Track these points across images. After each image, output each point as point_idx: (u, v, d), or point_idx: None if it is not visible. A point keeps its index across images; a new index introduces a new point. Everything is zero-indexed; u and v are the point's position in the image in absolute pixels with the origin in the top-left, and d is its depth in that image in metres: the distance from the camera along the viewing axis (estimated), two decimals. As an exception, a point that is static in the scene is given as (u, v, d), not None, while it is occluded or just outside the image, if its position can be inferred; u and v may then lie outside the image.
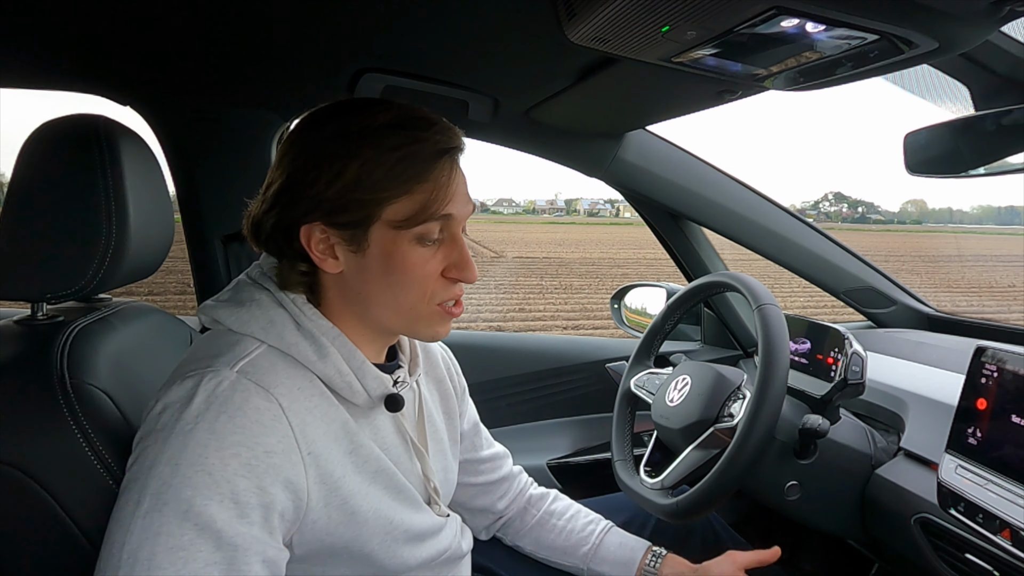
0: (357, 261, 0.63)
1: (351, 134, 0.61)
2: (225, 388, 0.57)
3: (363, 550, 0.65)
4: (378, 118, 0.61)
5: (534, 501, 0.98)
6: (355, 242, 0.62)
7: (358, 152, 0.60)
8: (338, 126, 0.62)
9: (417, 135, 0.61)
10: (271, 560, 0.56)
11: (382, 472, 0.67)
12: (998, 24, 0.59)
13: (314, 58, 0.96)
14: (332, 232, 0.62)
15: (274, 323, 0.63)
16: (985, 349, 0.74)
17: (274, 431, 0.57)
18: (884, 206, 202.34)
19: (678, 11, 0.61)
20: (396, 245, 0.62)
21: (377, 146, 0.60)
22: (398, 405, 0.69)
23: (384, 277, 0.63)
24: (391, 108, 0.63)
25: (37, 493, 0.58)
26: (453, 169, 0.63)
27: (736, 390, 0.94)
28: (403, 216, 0.61)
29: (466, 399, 0.90)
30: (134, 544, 0.51)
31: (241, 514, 0.54)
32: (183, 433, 0.54)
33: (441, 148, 0.62)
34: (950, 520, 0.75)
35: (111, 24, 0.84)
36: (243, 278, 0.68)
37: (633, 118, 1.19)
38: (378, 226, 0.62)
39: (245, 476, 0.55)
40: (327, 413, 0.63)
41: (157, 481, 0.53)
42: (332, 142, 0.61)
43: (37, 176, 0.67)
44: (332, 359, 0.63)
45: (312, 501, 0.60)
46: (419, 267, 0.63)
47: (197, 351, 0.62)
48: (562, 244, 26.31)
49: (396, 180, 0.60)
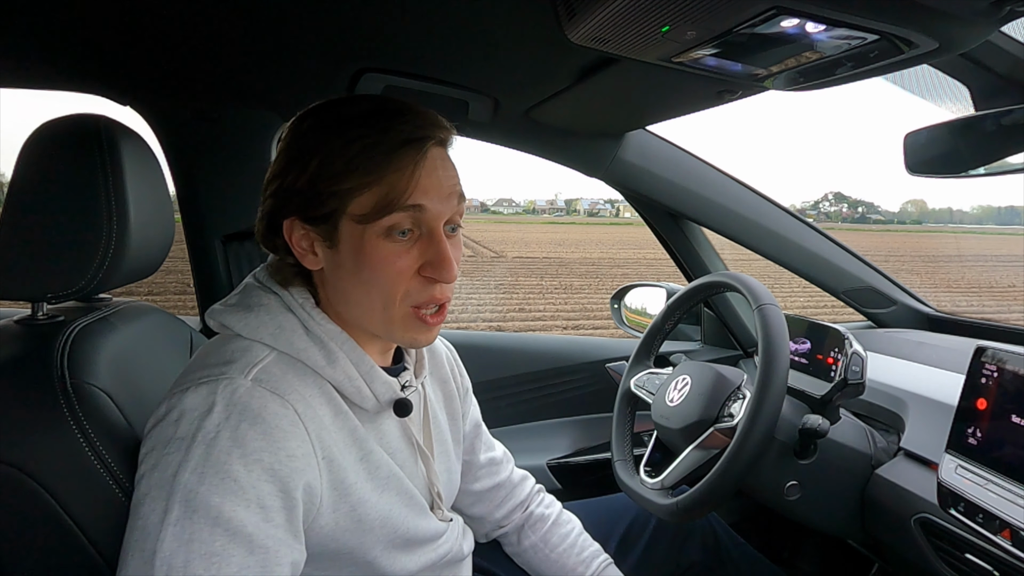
0: (333, 257, 0.63)
1: (323, 127, 0.61)
2: (242, 395, 0.57)
3: (365, 557, 0.65)
4: (351, 110, 0.61)
5: (532, 522, 0.93)
6: (329, 237, 0.62)
7: (324, 144, 0.60)
8: (315, 120, 0.62)
9: (383, 125, 0.60)
10: (296, 562, 0.57)
11: (393, 478, 0.67)
12: (998, 24, 0.59)
13: (314, 58, 0.96)
14: (308, 228, 0.62)
15: (283, 329, 0.63)
16: (985, 349, 0.74)
17: (294, 436, 0.57)
18: (884, 206, 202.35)
19: (678, 11, 0.61)
20: (364, 240, 0.60)
21: (341, 136, 0.60)
22: (407, 410, 0.69)
23: (356, 274, 0.62)
24: (369, 101, 0.62)
25: (37, 493, 0.58)
26: (420, 159, 0.60)
27: (736, 390, 0.94)
28: (367, 209, 0.59)
29: (469, 399, 0.90)
30: (167, 552, 0.51)
31: (267, 518, 0.55)
32: (205, 442, 0.54)
33: (406, 137, 0.60)
34: (950, 520, 0.75)
35: (111, 24, 0.84)
36: (251, 281, 0.68)
37: (633, 118, 1.19)
38: (346, 220, 0.60)
39: (269, 481, 0.55)
40: (337, 420, 0.63)
41: (184, 489, 0.53)
42: (307, 136, 0.62)
43: (37, 176, 0.67)
44: (341, 364, 0.63)
45: (323, 506, 0.60)
46: (388, 263, 0.61)
47: (208, 356, 0.62)
48: (562, 244, 26.31)
49: (357, 171, 0.59)
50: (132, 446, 0.62)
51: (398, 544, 0.68)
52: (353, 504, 0.63)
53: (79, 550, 0.59)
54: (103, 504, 0.60)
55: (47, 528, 0.58)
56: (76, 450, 0.59)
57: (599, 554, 0.91)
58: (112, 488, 0.60)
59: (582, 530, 0.94)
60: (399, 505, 0.67)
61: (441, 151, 0.64)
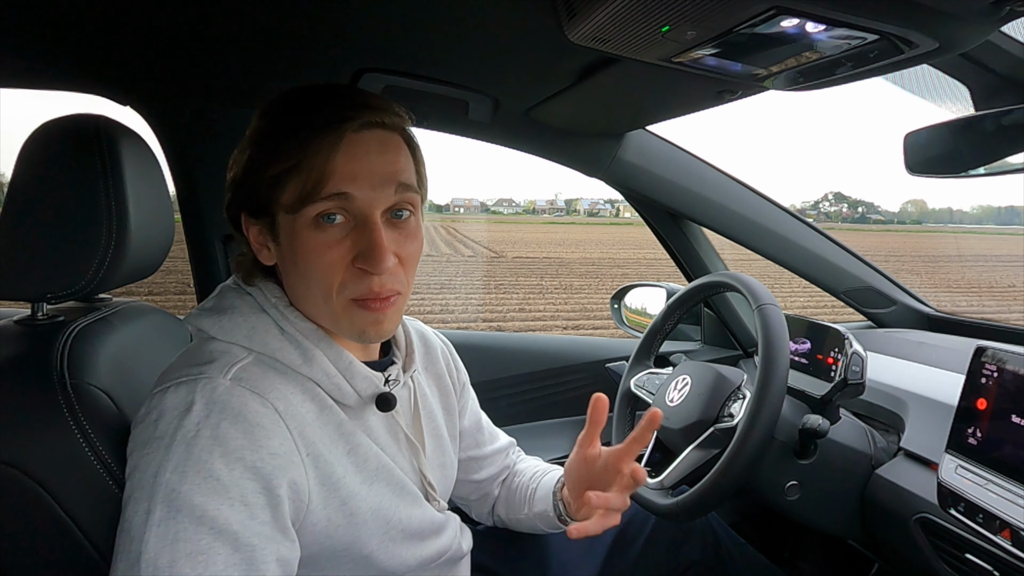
0: (279, 252, 0.63)
1: (263, 114, 0.61)
2: (222, 394, 0.57)
3: (362, 552, 0.65)
4: (294, 96, 0.60)
5: (510, 471, 0.97)
6: (272, 231, 0.62)
7: (258, 131, 0.60)
8: (262, 109, 0.62)
9: (310, 109, 0.57)
10: (284, 559, 0.57)
11: (383, 469, 0.67)
12: (998, 24, 0.59)
13: (314, 58, 0.96)
14: (256, 223, 0.62)
15: (256, 330, 0.63)
16: (985, 349, 0.74)
17: (275, 434, 0.57)
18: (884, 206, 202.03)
19: (678, 11, 0.61)
20: (295, 231, 0.59)
21: (273, 123, 0.59)
22: (389, 405, 0.68)
23: (295, 267, 0.61)
24: (320, 88, 0.60)
25: (37, 493, 0.58)
26: (338, 142, 0.57)
27: (736, 390, 0.94)
28: (293, 197, 0.58)
29: (466, 393, 0.89)
30: (151, 553, 0.51)
31: (252, 515, 0.54)
32: (186, 440, 0.54)
33: (328, 120, 0.57)
34: (950, 520, 0.75)
35: (111, 24, 0.84)
36: (228, 283, 0.68)
37: (633, 118, 1.19)
38: (280, 212, 0.59)
39: (251, 479, 0.55)
40: (321, 415, 0.63)
41: (165, 489, 0.53)
42: (252, 125, 0.62)
43: (37, 176, 0.66)
44: (318, 362, 0.63)
45: (312, 503, 0.60)
46: (319, 254, 0.58)
47: (186, 358, 0.62)
48: (562, 244, 26.31)
49: (280, 157, 0.57)
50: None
51: (394, 537, 0.67)
52: (343, 498, 0.62)
53: (79, 549, 0.59)
54: (103, 504, 0.60)
55: (47, 528, 0.58)
56: (76, 450, 0.59)
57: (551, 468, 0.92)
58: (111, 488, 0.60)
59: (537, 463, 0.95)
60: (390, 496, 0.67)
61: (379, 135, 0.60)
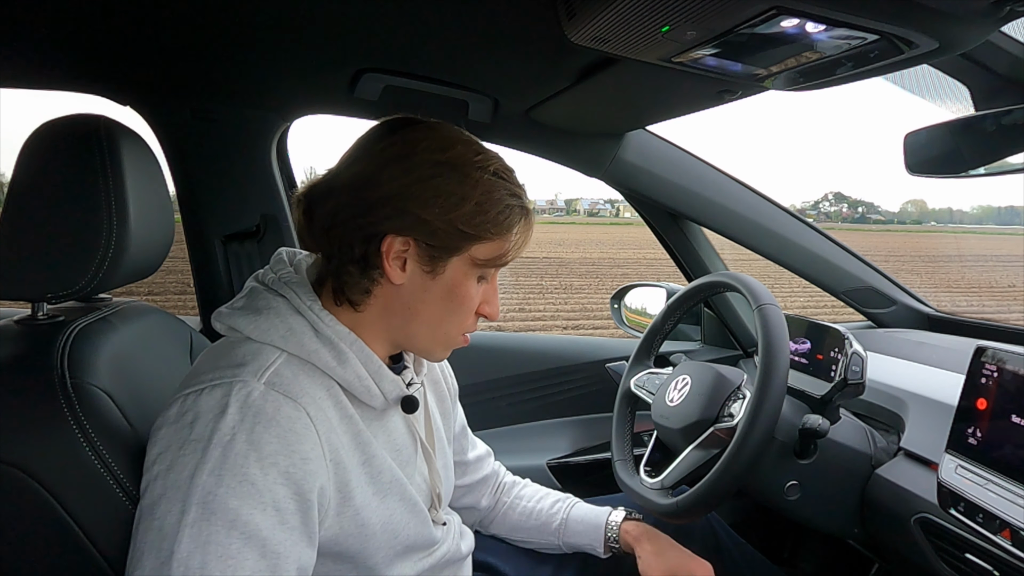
0: (422, 280, 0.65)
1: (466, 170, 0.63)
2: (256, 398, 0.57)
3: (367, 563, 0.66)
4: (487, 163, 0.64)
5: (506, 489, 1.00)
6: (432, 264, 0.64)
7: (474, 192, 0.63)
8: (452, 156, 0.63)
9: (514, 190, 0.66)
10: (304, 567, 0.58)
11: (395, 483, 0.68)
12: (998, 24, 0.59)
13: (314, 58, 0.96)
14: (417, 249, 0.63)
15: (293, 331, 0.63)
16: (985, 349, 0.74)
17: (307, 438, 0.58)
18: (884, 206, 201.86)
19: (678, 11, 0.61)
20: (465, 278, 0.66)
21: (489, 191, 0.64)
22: (414, 406, 0.70)
23: (442, 302, 0.66)
24: (491, 156, 0.66)
25: (37, 493, 0.58)
26: (529, 229, 0.69)
27: (736, 390, 0.94)
28: (485, 256, 0.66)
29: (456, 399, 0.91)
30: (184, 553, 0.52)
31: (282, 520, 0.55)
32: (222, 444, 0.55)
33: (525, 206, 0.68)
34: (950, 520, 0.75)
35: (110, 24, 0.84)
36: (256, 284, 0.68)
37: (633, 118, 1.19)
38: (461, 258, 0.65)
39: (284, 484, 0.56)
40: (342, 422, 0.64)
41: (201, 491, 0.53)
42: (448, 172, 0.62)
43: (37, 176, 0.67)
44: (351, 364, 0.64)
45: (330, 509, 0.61)
46: (471, 301, 0.68)
47: (218, 359, 0.62)
48: (562, 244, 26.28)
49: (499, 226, 0.64)
50: (132, 446, 0.62)
51: (399, 551, 0.69)
52: (357, 508, 0.63)
53: (79, 549, 0.59)
54: (103, 503, 0.60)
55: (47, 527, 0.59)
56: (76, 450, 0.59)
57: (571, 497, 0.99)
58: (112, 487, 0.60)
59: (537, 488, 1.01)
60: (400, 510, 0.68)
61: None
